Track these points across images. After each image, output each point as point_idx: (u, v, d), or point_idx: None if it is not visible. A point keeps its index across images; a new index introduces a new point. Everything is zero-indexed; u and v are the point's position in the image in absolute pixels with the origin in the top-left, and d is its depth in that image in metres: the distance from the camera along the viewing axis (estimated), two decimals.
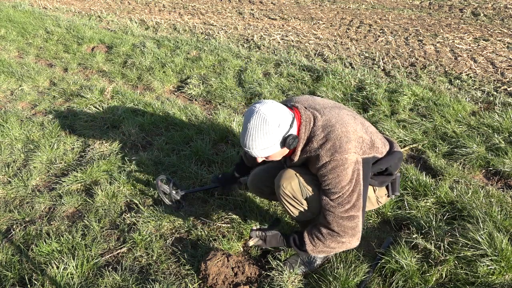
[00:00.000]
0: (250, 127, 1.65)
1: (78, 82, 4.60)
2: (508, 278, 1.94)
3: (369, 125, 1.88)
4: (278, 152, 1.76)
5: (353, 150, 1.68)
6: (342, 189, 1.67)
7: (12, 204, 2.77)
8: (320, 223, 1.77)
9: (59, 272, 2.12)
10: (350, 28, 6.10)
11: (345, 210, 1.68)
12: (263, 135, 1.65)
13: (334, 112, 1.79)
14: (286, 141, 1.68)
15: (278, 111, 1.67)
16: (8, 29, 6.82)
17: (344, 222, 1.69)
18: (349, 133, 1.70)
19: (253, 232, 1.93)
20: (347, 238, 1.72)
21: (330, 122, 1.73)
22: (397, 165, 1.96)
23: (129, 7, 8.53)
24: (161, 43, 5.71)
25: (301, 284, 2.05)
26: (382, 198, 2.07)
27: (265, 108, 1.65)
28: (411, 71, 4.39)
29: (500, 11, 6.27)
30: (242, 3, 8.22)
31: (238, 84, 4.34)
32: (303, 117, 1.75)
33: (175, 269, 2.16)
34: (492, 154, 2.84)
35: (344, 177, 1.66)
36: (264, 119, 1.63)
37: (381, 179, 1.96)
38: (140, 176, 2.90)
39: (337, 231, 1.71)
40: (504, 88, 3.81)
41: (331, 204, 1.70)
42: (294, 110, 1.79)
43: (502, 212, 2.29)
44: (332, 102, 1.94)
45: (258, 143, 1.67)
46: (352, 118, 1.79)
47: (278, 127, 1.65)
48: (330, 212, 1.70)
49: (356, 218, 1.70)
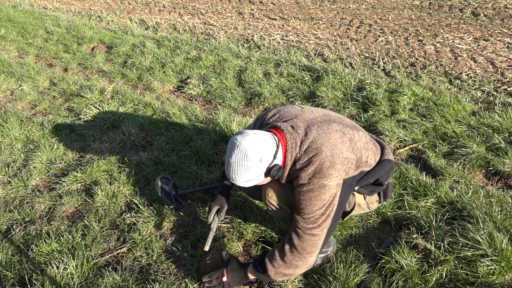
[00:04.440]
0: (232, 162, 1.64)
1: (78, 82, 4.60)
2: (508, 278, 1.94)
3: (358, 138, 1.80)
4: (263, 181, 1.76)
5: (335, 175, 1.66)
6: (312, 212, 1.69)
7: (12, 204, 2.77)
8: (283, 240, 1.81)
9: (59, 272, 2.12)
10: (350, 28, 6.10)
11: (310, 228, 1.71)
12: (245, 170, 1.63)
13: (322, 129, 1.73)
14: (270, 172, 1.67)
15: (259, 145, 1.62)
16: (8, 29, 6.82)
17: (306, 237, 1.71)
18: (334, 156, 1.67)
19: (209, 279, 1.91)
20: (305, 254, 1.74)
21: (316, 143, 1.68)
22: (388, 174, 1.92)
23: (129, 7, 8.53)
24: (161, 43, 5.71)
25: (301, 284, 2.05)
26: (373, 204, 2.07)
27: (246, 142, 1.62)
28: (411, 71, 4.39)
29: (500, 11, 6.27)
30: (242, 3, 8.22)
31: (238, 84, 4.34)
32: (289, 143, 1.70)
33: (175, 269, 2.16)
34: (492, 154, 2.84)
35: (317, 202, 1.67)
36: (244, 155, 1.61)
37: (371, 189, 1.94)
38: (140, 176, 2.90)
39: (296, 245, 1.73)
40: (504, 88, 3.81)
41: (299, 219, 1.72)
42: (279, 133, 1.73)
43: (502, 212, 2.29)
44: (322, 112, 1.86)
45: (241, 177, 1.66)
46: (341, 135, 1.74)
47: (259, 161, 1.63)
48: (296, 227, 1.73)
49: (317, 236, 1.71)
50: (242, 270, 1.91)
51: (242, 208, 2.52)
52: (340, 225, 2.34)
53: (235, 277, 1.90)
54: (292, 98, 3.95)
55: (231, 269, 1.91)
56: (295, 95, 3.98)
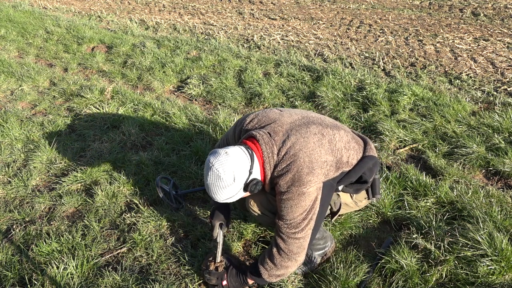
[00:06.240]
0: (208, 183, 1.66)
1: (78, 82, 4.60)
2: (508, 278, 1.94)
3: (339, 138, 1.79)
4: (244, 195, 1.77)
5: (314, 180, 1.66)
6: (294, 218, 1.70)
7: (12, 204, 2.77)
8: (271, 243, 1.85)
9: (59, 272, 2.12)
10: (350, 28, 6.10)
11: (292, 232, 1.73)
12: (221, 190, 1.65)
13: (300, 133, 1.72)
14: (248, 187, 1.68)
15: (231, 164, 1.62)
16: (8, 29, 6.82)
17: (290, 241, 1.74)
18: (312, 162, 1.66)
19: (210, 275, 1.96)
20: (293, 256, 1.77)
21: (294, 149, 1.67)
22: (372, 171, 1.90)
23: (129, 7, 8.53)
24: (161, 43, 5.71)
25: (301, 284, 2.05)
26: (362, 202, 2.07)
27: (218, 163, 1.62)
28: (411, 71, 4.39)
29: (500, 11, 6.27)
30: (242, 3, 8.22)
31: (238, 84, 4.34)
32: (265, 154, 1.69)
33: (175, 269, 2.16)
34: (492, 154, 2.84)
35: (298, 208, 1.68)
36: (218, 176, 1.62)
37: (355, 187, 1.94)
38: (140, 176, 2.90)
39: (283, 248, 1.76)
40: (504, 88, 3.81)
41: (281, 224, 1.74)
42: (254, 144, 1.72)
43: (502, 212, 2.29)
44: (301, 114, 1.85)
45: (220, 196, 1.68)
46: (320, 137, 1.73)
47: (233, 181, 1.63)
48: (280, 232, 1.76)
49: (301, 238, 1.74)
50: (241, 275, 1.96)
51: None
52: (340, 225, 2.34)
53: (235, 282, 1.96)
54: (292, 98, 3.95)
55: (231, 274, 1.96)
56: (295, 95, 3.98)
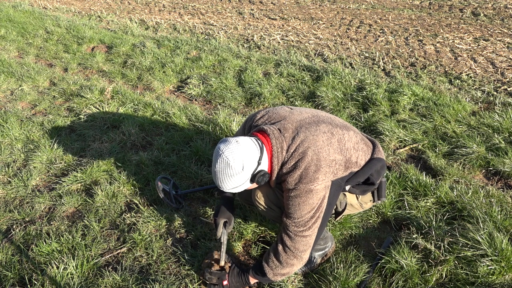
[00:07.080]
0: (216, 171, 1.65)
1: (78, 82, 4.60)
2: (508, 278, 1.94)
3: (348, 139, 1.79)
4: (250, 186, 1.76)
5: (321, 178, 1.66)
6: (301, 216, 1.70)
7: (12, 204, 2.77)
8: (276, 241, 1.84)
9: (59, 272, 2.12)
10: (350, 28, 6.10)
11: (300, 230, 1.73)
12: (229, 178, 1.64)
13: (310, 131, 1.71)
14: (255, 178, 1.68)
15: (241, 153, 1.62)
16: (8, 29, 6.82)
17: (298, 239, 1.74)
18: (320, 160, 1.66)
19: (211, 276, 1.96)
20: (299, 253, 1.77)
21: (303, 146, 1.67)
22: (379, 173, 1.91)
23: (129, 7, 8.53)
24: (161, 43, 5.71)
25: (301, 284, 2.05)
26: (367, 204, 2.07)
27: (228, 151, 1.62)
28: (411, 71, 4.39)
29: (500, 11, 6.27)
30: (242, 3, 8.22)
31: (238, 84, 4.34)
32: (274, 148, 1.69)
33: (175, 269, 2.16)
34: (492, 154, 2.84)
35: (305, 206, 1.68)
36: (227, 164, 1.61)
37: (362, 188, 1.94)
38: (140, 176, 2.90)
39: (289, 246, 1.76)
40: (504, 88, 3.81)
41: (289, 223, 1.74)
42: (264, 138, 1.72)
43: (502, 212, 2.29)
44: (311, 113, 1.85)
45: (226, 185, 1.67)
46: (329, 136, 1.72)
47: (242, 170, 1.63)
48: (287, 230, 1.75)
49: (308, 236, 1.74)
50: (243, 275, 1.95)
51: (242, 208, 2.52)
52: (340, 225, 2.34)
53: (236, 282, 1.95)
54: (292, 98, 3.95)
55: (233, 274, 1.96)
56: (295, 95, 3.98)
